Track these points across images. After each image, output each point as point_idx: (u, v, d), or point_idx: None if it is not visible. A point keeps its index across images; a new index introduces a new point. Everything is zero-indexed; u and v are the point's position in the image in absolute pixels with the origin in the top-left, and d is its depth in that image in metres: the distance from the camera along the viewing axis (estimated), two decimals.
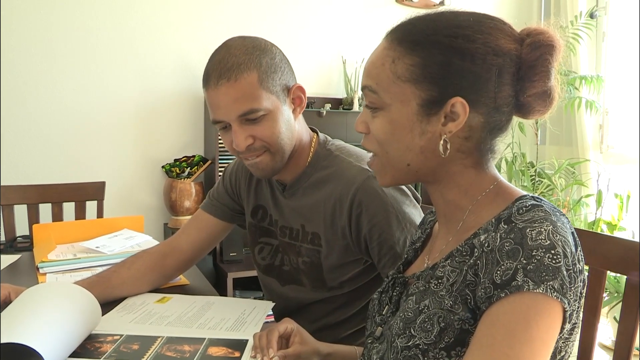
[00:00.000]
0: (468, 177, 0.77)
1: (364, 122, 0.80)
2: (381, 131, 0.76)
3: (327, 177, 1.15)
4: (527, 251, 0.63)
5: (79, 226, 1.80)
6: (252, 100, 1.03)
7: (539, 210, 0.67)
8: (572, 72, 3.26)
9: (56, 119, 2.72)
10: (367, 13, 3.37)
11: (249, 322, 1.11)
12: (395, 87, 0.73)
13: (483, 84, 0.72)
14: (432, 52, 0.72)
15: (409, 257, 0.93)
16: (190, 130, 3.01)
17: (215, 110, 1.06)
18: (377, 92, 0.75)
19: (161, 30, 2.90)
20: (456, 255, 0.73)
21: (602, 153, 3.30)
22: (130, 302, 1.23)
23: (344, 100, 3.19)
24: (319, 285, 1.19)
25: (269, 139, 1.07)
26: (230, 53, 1.04)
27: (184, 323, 1.10)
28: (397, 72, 0.73)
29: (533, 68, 0.73)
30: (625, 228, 2.92)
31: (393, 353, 0.73)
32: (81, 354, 0.93)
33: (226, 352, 0.97)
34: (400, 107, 0.74)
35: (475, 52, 0.71)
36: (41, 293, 0.96)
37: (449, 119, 0.73)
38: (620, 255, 1.01)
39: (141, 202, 2.93)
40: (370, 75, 0.77)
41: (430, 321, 0.70)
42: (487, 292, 0.64)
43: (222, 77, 1.02)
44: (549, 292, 0.61)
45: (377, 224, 1.07)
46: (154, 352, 0.95)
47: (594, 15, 3.24)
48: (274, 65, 1.06)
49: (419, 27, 0.74)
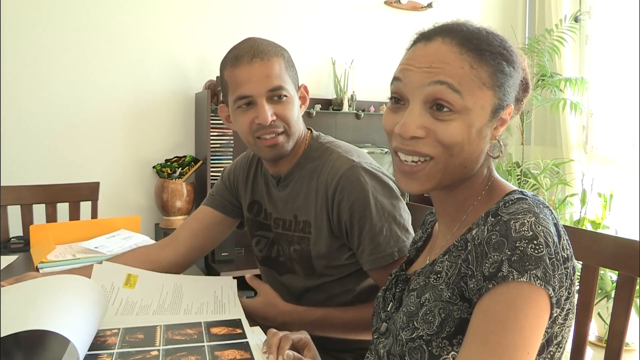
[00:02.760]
0: (480, 176, 0.82)
1: (424, 126, 0.74)
2: (457, 135, 0.74)
3: (317, 167, 1.21)
4: (511, 242, 0.67)
5: (76, 227, 1.80)
6: (280, 80, 1.14)
7: (523, 202, 0.72)
8: (557, 74, 3.33)
9: (47, 119, 2.70)
10: (356, 15, 3.41)
11: (227, 302, 1.19)
12: (480, 92, 0.74)
13: (516, 92, 0.80)
14: (501, 63, 0.76)
15: (411, 255, 0.97)
16: (181, 130, 3.01)
17: (245, 85, 1.13)
18: (461, 92, 0.73)
19: (152, 31, 2.90)
20: (453, 251, 0.78)
21: (586, 153, 3.37)
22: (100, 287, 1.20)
23: (334, 101, 3.22)
24: (310, 273, 1.25)
25: (289, 120, 1.16)
26: (258, 42, 1.16)
27: (169, 311, 1.14)
28: (482, 78, 0.74)
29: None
30: (609, 226, 2.99)
31: (399, 346, 0.77)
32: (93, 347, 0.94)
33: (228, 330, 1.03)
34: (480, 112, 0.75)
35: (516, 63, 0.79)
36: (63, 283, 0.97)
37: (500, 123, 0.78)
38: (612, 251, 1.05)
39: (132, 203, 2.93)
40: (445, 72, 0.73)
41: (431, 313, 0.74)
42: (478, 284, 0.68)
43: (256, 57, 1.13)
44: (532, 280, 0.65)
45: (356, 210, 1.13)
46: (163, 338, 0.98)
47: (578, 19, 3.32)
48: (292, 62, 1.21)
49: (479, 36, 0.77)
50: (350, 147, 1.26)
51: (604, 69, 3.33)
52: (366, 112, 3.28)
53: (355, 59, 3.29)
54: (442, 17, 0.84)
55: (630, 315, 1.03)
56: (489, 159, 0.82)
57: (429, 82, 0.73)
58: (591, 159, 3.35)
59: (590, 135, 3.39)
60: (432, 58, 0.74)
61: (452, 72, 0.73)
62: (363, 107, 3.27)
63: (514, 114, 0.81)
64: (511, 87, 0.78)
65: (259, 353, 0.92)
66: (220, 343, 0.97)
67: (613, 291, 2.66)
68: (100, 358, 0.89)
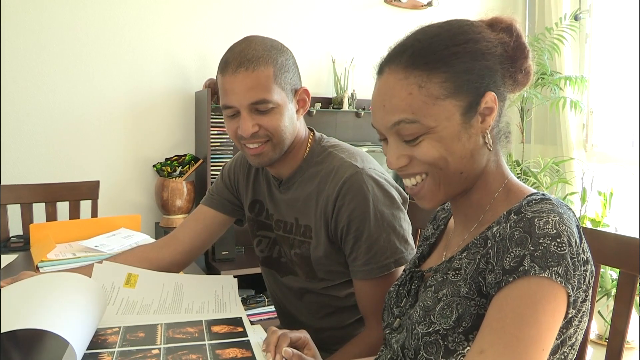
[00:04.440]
0: (491, 173, 0.82)
1: (403, 155, 0.79)
2: (434, 152, 0.76)
3: (319, 172, 1.19)
4: (534, 239, 0.68)
5: (76, 226, 1.80)
6: (265, 92, 1.09)
7: (547, 202, 0.73)
8: (557, 72, 3.33)
9: (47, 119, 2.70)
10: (356, 13, 3.40)
11: (229, 301, 1.19)
12: (437, 107, 0.75)
13: (497, 74, 0.78)
14: (454, 63, 0.75)
15: (424, 252, 0.97)
16: (181, 129, 3.01)
17: (229, 95, 1.11)
18: (417, 120, 0.75)
19: (152, 29, 2.89)
20: (471, 248, 0.78)
21: (586, 152, 3.37)
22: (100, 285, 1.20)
23: (334, 99, 3.22)
24: (311, 276, 1.24)
25: (273, 130, 1.12)
26: (250, 47, 1.11)
27: (170, 310, 1.14)
28: (433, 94, 0.75)
29: (517, 48, 0.80)
30: (609, 225, 2.99)
31: (414, 340, 0.77)
32: (94, 346, 0.94)
33: (229, 328, 1.03)
34: (447, 123, 0.76)
35: (484, 50, 0.77)
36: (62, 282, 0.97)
37: (485, 114, 0.77)
38: (613, 249, 1.05)
39: (133, 201, 2.93)
40: (397, 109, 0.76)
41: (449, 308, 0.75)
42: (497, 278, 0.68)
43: (242, 66, 1.08)
44: (553, 276, 0.66)
45: (355, 218, 1.12)
46: (164, 336, 0.98)
47: (578, 17, 3.32)
48: (287, 66, 1.14)
49: (425, 48, 0.77)
50: (354, 150, 1.23)
51: (604, 67, 3.32)
52: (366, 111, 3.27)
53: (355, 58, 3.29)
54: (442, 15, 0.84)
55: (632, 314, 1.03)
56: (492, 153, 0.81)
57: (389, 125, 0.77)
58: (591, 157, 3.35)
59: (590, 133, 3.39)
60: (383, 95, 0.78)
61: (402, 105, 0.76)
62: (363, 106, 3.27)
63: (506, 93, 0.80)
64: (481, 77, 0.76)
65: (260, 351, 0.92)
66: (221, 341, 0.97)
67: (613, 289, 2.67)
68: (101, 357, 0.89)
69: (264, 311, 2.82)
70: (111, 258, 1.31)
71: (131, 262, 1.28)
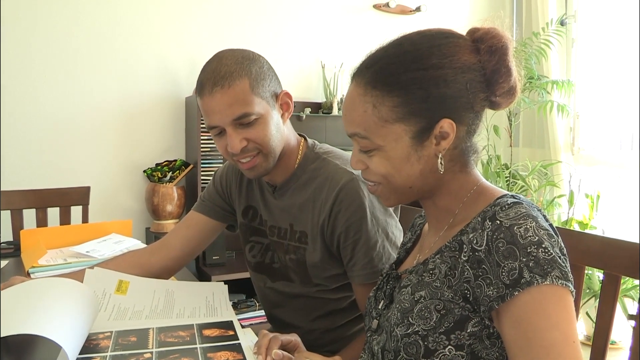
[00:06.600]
0: (457, 182, 0.84)
1: (360, 160, 0.84)
2: (382, 168, 0.81)
3: (314, 179, 1.20)
4: (522, 250, 0.70)
5: (67, 231, 1.80)
6: (244, 105, 1.09)
7: (520, 207, 0.74)
8: (544, 76, 3.37)
9: (37, 124, 2.70)
10: (345, 18, 3.43)
11: (219, 307, 1.20)
12: (385, 129, 0.79)
13: (461, 100, 0.78)
14: (411, 89, 0.77)
15: (401, 256, 1.00)
16: (171, 134, 3.01)
17: (211, 116, 1.11)
18: (367, 137, 0.80)
19: (143, 35, 2.90)
20: (445, 251, 0.80)
21: (574, 155, 3.42)
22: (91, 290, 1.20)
23: (324, 104, 3.24)
24: (306, 281, 1.24)
25: (261, 141, 1.12)
26: (222, 63, 1.10)
27: (161, 315, 1.15)
28: (383, 116, 0.78)
29: (496, 71, 0.79)
30: (596, 227, 3.03)
31: (394, 342, 0.79)
32: (86, 350, 0.94)
33: (220, 331, 1.04)
34: (395, 144, 0.79)
35: (447, 77, 0.77)
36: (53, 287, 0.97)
37: (440, 138, 0.79)
38: (597, 251, 1.07)
39: (123, 207, 2.92)
40: (354, 122, 0.81)
41: (427, 309, 0.77)
42: (500, 292, 0.70)
43: (217, 85, 1.07)
44: (554, 281, 0.69)
45: (352, 224, 1.13)
46: (156, 340, 0.99)
47: (564, 22, 3.36)
48: (263, 74, 1.13)
49: (388, 68, 0.79)
50: (348, 157, 1.22)
51: (590, 71, 3.37)
52: None
53: (345, 63, 3.31)
54: (430, 21, 0.85)
55: (616, 313, 1.05)
56: (455, 166, 0.83)
57: (348, 133, 0.83)
58: (578, 160, 3.39)
59: (577, 136, 3.43)
60: (347, 105, 0.83)
61: (358, 120, 0.80)
62: None
63: (472, 116, 0.80)
64: (438, 104, 0.77)
65: (251, 354, 0.93)
66: (213, 345, 0.98)
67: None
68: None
69: (255, 315, 2.81)
70: (102, 263, 1.31)
71: (122, 267, 1.28)
